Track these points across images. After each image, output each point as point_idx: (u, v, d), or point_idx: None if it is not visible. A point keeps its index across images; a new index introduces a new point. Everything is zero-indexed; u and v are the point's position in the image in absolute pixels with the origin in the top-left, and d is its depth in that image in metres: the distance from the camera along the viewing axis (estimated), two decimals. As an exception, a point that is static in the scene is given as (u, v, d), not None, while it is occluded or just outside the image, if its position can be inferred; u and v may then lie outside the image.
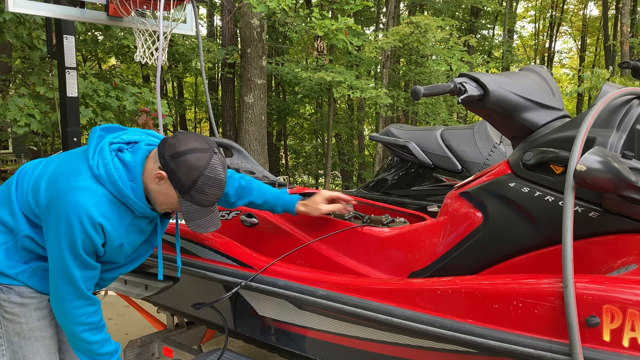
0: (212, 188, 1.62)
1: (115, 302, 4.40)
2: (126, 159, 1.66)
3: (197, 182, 1.59)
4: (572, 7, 21.57)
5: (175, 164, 1.59)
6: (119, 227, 1.66)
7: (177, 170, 1.59)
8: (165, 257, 2.26)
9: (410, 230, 1.97)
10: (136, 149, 1.70)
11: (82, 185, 1.59)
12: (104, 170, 1.61)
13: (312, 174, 16.83)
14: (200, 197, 1.62)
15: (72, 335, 1.71)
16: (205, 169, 1.59)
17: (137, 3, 3.85)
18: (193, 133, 1.68)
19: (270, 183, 2.66)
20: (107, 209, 1.61)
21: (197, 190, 1.60)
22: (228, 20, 10.90)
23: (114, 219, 1.63)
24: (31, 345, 1.75)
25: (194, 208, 1.64)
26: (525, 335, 1.35)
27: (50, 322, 1.80)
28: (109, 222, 1.62)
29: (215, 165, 1.62)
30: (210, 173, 1.60)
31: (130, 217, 1.69)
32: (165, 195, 1.65)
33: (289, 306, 1.93)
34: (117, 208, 1.64)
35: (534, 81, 1.78)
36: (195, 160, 1.58)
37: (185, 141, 1.61)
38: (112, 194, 1.62)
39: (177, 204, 1.66)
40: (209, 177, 1.60)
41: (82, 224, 1.56)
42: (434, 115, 11.42)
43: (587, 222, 1.54)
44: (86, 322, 1.69)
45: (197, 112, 18.14)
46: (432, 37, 9.29)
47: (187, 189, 1.60)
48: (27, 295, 1.72)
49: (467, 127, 3.46)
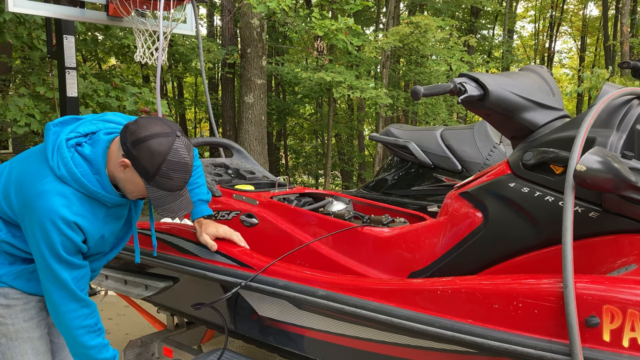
0: (177, 172, 1.59)
1: (115, 302, 4.40)
2: (86, 152, 1.63)
3: (161, 168, 1.56)
4: (572, 7, 21.57)
5: (137, 150, 1.55)
6: (95, 221, 1.63)
7: (139, 157, 1.55)
8: (164, 257, 2.27)
9: (410, 230, 1.97)
10: (95, 140, 1.66)
11: (48, 189, 1.56)
12: (65, 170, 1.58)
13: (312, 174, 16.84)
14: (166, 183, 1.59)
15: (70, 339, 1.70)
16: (168, 153, 1.56)
17: (137, 3, 3.85)
18: (155, 117, 1.65)
19: (270, 183, 2.67)
20: (79, 207, 1.59)
21: (162, 176, 1.58)
22: (228, 20, 10.90)
23: (87, 214, 1.61)
24: (18, 346, 1.74)
25: (162, 193, 1.62)
26: (525, 335, 1.35)
27: (38, 323, 1.79)
28: (83, 219, 1.59)
29: (179, 149, 1.58)
30: (174, 157, 1.57)
31: (104, 209, 1.66)
32: (133, 183, 1.63)
33: (289, 306, 1.93)
34: (88, 204, 1.61)
35: (534, 81, 1.78)
36: (157, 146, 1.55)
37: (146, 127, 1.57)
38: (80, 191, 1.59)
39: (145, 190, 1.64)
40: (172, 161, 1.57)
41: (57, 227, 1.54)
42: (434, 115, 11.42)
43: (587, 222, 1.54)
44: (82, 325, 1.67)
45: (197, 112, 18.15)
46: (432, 37, 9.30)
47: (152, 175, 1.57)
48: (13, 297, 1.71)
49: (467, 127, 3.46)
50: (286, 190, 2.52)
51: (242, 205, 2.36)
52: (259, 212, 2.29)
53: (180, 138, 1.60)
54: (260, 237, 2.26)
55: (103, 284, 2.69)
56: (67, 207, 1.56)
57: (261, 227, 2.27)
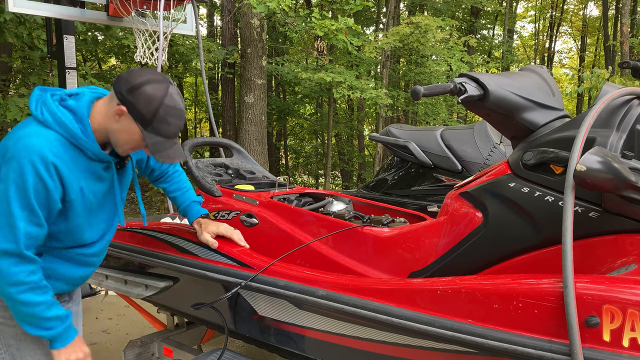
0: (174, 117, 1.61)
1: (115, 302, 4.40)
2: (70, 104, 1.64)
3: (159, 112, 1.58)
4: (572, 7, 21.56)
5: (133, 96, 1.57)
6: (74, 169, 1.61)
7: (136, 103, 1.57)
8: (164, 257, 2.27)
9: (410, 230, 1.97)
10: (80, 96, 1.68)
11: (29, 132, 1.56)
12: (49, 115, 1.59)
13: (312, 174, 16.83)
14: (163, 128, 1.61)
15: (11, 300, 1.59)
16: (164, 97, 1.59)
17: (137, 3, 3.86)
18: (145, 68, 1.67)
19: (270, 183, 2.67)
20: (60, 150, 1.57)
21: (160, 121, 1.59)
22: (228, 20, 10.90)
23: (68, 160, 1.59)
24: (27, 347, 1.72)
25: (159, 140, 1.63)
26: (525, 335, 1.35)
27: None
28: (63, 162, 1.57)
29: (173, 94, 1.61)
30: (170, 102, 1.60)
31: (84, 161, 1.65)
32: (128, 132, 1.63)
33: (289, 306, 1.93)
34: (70, 151, 1.60)
35: (534, 81, 1.78)
36: (153, 91, 1.58)
37: (139, 74, 1.60)
38: (62, 135, 1.59)
39: (140, 139, 1.64)
40: (169, 106, 1.60)
41: (35, 167, 1.51)
42: (434, 115, 11.42)
43: (587, 222, 1.54)
44: (24, 281, 1.57)
45: (197, 112, 18.14)
46: (432, 37, 9.29)
47: (149, 120, 1.58)
48: None
49: (467, 127, 3.46)
50: (286, 190, 2.52)
51: (242, 205, 2.36)
52: (259, 212, 2.29)
53: (173, 86, 1.63)
54: (260, 237, 2.26)
55: (103, 284, 2.69)
56: (48, 148, 1.54)
57: (261, 227, 2.27)
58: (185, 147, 2.63)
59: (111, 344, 3.79)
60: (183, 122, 1.66)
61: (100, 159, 1.68)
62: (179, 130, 1.66)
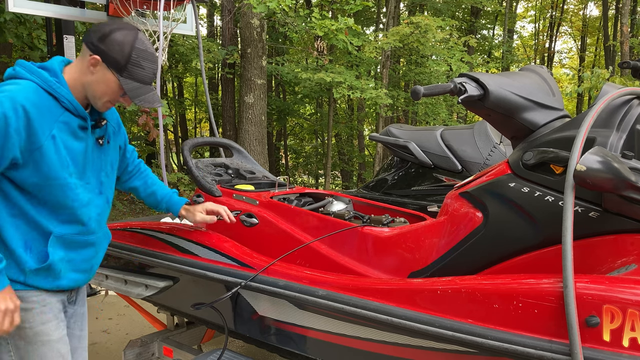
0: (147, 61, 1.67)
1: (115, 302, 4.41)
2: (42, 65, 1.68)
3: (132, 56, 1.63)
4: (572, 7, 21.57)
5: (105, 44, 1.62)
6: (48, 115, 1.60)
7: (109, 50, 1.62)
8: (164, 257, 2.27)
9: (410, 230, 1.97)
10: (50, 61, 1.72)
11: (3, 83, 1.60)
12: (20, 68, 1.63)
13: (312, 174, 16.83)
14: (138, 72, 1.65)
15: None
16: (135, 42, 1.64)
17: (137, 3, 3.86)
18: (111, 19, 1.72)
19: (270, 183, 2.67)
20: (33, 96, 1.58)
21: (134, 64, 1.64)
22: (228, 20, 10.90)
23: (41, 106, 1.59)
24: (37, 349, 1.71)
25: (136, 85, 1.67)
26: (525, 335, 1.36)
27: (57, 325, 1.75)
28: (34, 107, 1.56)
29: (143, 40, 1.67)
30: (141, 46, 1.65)
31: (59, 110, 1.64)
32: (104, 81, 1.66)
33: (289, 306, 1.93)
34: (44, 98, 1.61)
35: (534, 81, 1.78)
36: (123, 37, 1.63)
37: (107, 24, 1.68)
38: (36, 83, 1.61)
39: (117, 87, 1.67)
40: (141, 49, 1.65)
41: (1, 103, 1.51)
42: (434, 115, 11.42)
43: (587, 222, 1.54)
44: None
45: (197, 112, 18.14)
46: (432, 37, 9.29)
47: (124, 65, 1.63)
48: (30, 300, 1.69)
49: (467, 127, 3.46)
50: (286, 190, 2.52)
51: (242, 205, 2.36)
52: (259, 212, 2.29)
53: (141, 32, 1.69)
54: (260, 237, 2.26)
55: (103, 284, 2.69)
56: (20, 93, 1.56)
57: (261, 227, 2.27)
58: (185, 147, 2.64)
59: (111, 344, 3.79)
60: (157, 67, 1.72)
61: (76, 108, 1.68)
62: (153, 75, 1.71)
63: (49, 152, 1.62)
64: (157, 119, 3.99)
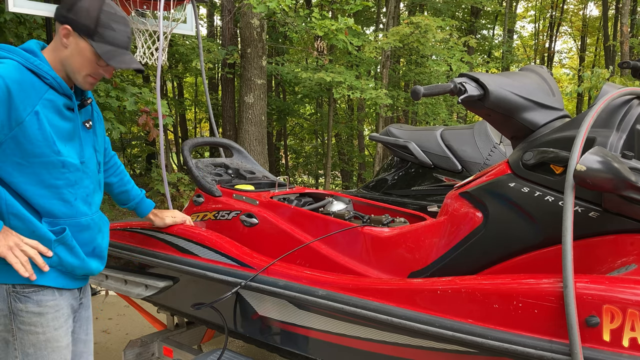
0: (117, 23, 1.68)
1: (116, 302, 4.41)
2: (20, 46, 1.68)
3: (100, 18, 1.64)
4: (572, 7, 21.57)
5: (73, 12, 1.64)
6: (31, 92, 1.59)
7: (77, 18, 1.63)
8: (164, 257, 2.27)
9: (410, 230, 1.97)
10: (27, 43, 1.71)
11: None
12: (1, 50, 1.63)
13: (312, 174, 16.83)
14: (109, 34, 1.66)
15: None
16: (102, 5, 1.65)
17: (137, 3, 3.86)
18: None
19: (270, 183, 2.67)
20: (15, 73, 1.57)
21: (104, 27, 1.65)
22: (228, 20, 10.90)
23: (24, 83, 1.57)
24: (47, 356, 1.69)
25: (110, 48, 1.67)
26: (525, 335, 1.36)
27: (66, 331, 1.75)
28: (15, 83, 1.55)
29: (111, 4, 1.68)
30: (109, 9, 1.67)
31: (43, 87, 1.63)
32: (79, 51, 1.66)
33: (289, 306, 1.93)
34: (27, 76, 1.60)
35: (534, 81, 1.78)
36: (90, 2, 1.65)
37: None
38: (18, 61, 1.60)
39: (92, 55, 1.66)
40: (109, 12, 1.66)
41: None
42: (434, 115, 11.42)
43: (587, 222, 1.54)
44: None
45: (197, 112, 18.14)
46: (432, 37, 9.28)
47: (94, 29, 1.64)
48: (46, 304, 1.68)
49: (467, 127, 3.46)
50: (286, 190, 2.52)
51: (242, 205, 2.36)
52: (259, 212, 2.29)
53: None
54: (260, 237, 2.26)
55: (103, 284, 2.69)
56: (3, 69, 1.55)
57: (261, 227, 2.27)
58: (185, 147, 2.64)
59: (111, 344, 3.79)
60: (129, 29, 1.72)
61: (60, 85, 1.67)
62: (127, 39, 1.71)
63: (32, 128, 1.60)
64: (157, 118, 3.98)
